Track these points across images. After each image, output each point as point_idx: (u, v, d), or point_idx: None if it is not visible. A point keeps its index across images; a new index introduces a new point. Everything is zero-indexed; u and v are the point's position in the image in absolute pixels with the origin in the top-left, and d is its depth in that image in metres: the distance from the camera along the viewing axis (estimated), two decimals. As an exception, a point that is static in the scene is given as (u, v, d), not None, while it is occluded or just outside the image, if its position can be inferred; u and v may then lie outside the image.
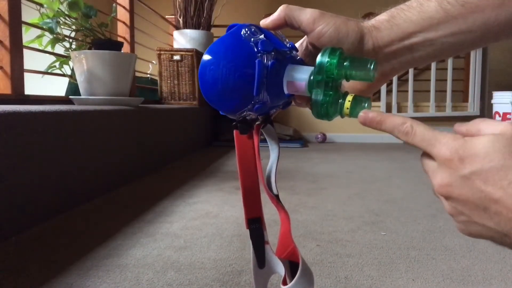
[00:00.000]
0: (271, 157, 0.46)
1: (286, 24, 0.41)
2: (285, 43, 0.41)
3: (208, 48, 0.39)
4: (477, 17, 0.37)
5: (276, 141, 0.45)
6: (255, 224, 0.45)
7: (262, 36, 0.39)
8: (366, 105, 0.37)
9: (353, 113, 0.37)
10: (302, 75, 0.39)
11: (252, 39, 0.38)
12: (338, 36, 0.39)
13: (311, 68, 0.39)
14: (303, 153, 2.98)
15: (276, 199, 0.44)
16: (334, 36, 0.39)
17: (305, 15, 0.40)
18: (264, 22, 0.42)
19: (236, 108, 0.40)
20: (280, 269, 0.44)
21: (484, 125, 0.33)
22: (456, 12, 0.37)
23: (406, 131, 0.34)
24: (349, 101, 0.37)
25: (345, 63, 0.37)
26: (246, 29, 0.39)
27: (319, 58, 0.38)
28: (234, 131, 0.43)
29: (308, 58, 0.44)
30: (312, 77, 0.38)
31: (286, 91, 0.40)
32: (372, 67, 0.36)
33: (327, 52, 0.38)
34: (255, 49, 0.38)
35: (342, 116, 0.39)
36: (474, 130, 0.33)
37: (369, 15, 0.43)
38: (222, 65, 0.38)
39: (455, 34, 0.38)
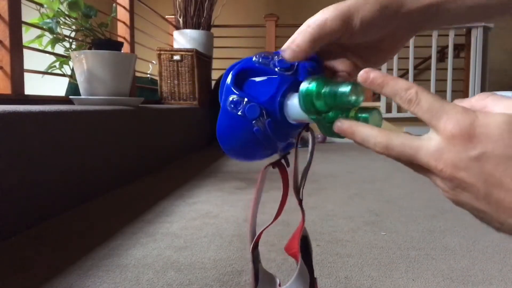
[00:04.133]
0: (308, 160, 0.44)
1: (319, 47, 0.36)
2: (272, 66, 0.38)
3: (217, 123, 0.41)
4: None
5: (313, 142, 0.45)
6: (257, 247, 0.45)
7: (246, 100, 0.37)
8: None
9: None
10: (301, 112, 0.37)
11: (239, 109, 0.37)
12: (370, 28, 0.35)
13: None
14: (303, 153, 2.97)
15: (300, 203, 0.45)
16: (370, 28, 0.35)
17: (335, 25, 0.34)
18: (293, 56, 0.36)
19: (263, 159, 0.42)
20: (273, 285, 0.45)
21: (490, 101, 0.29)
22: None
23: (409, 98, 0.29)
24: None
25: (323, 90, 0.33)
26: (233, 99, 0.38)
27: (302, 87, 0.35)
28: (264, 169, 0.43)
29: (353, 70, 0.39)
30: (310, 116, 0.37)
31: (293, 122, 0.39)
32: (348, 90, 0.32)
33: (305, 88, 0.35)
34: (246, 118, 0.38)
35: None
36: (479, 106, 0.30)
37: None
38: (227, 144, 0.41)
39: (480, 2, 0.36)
